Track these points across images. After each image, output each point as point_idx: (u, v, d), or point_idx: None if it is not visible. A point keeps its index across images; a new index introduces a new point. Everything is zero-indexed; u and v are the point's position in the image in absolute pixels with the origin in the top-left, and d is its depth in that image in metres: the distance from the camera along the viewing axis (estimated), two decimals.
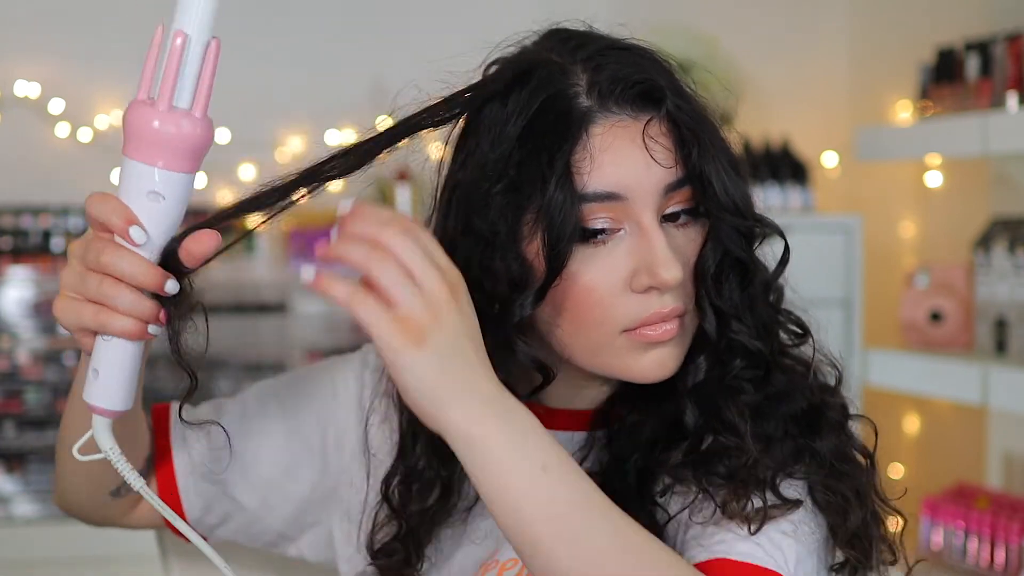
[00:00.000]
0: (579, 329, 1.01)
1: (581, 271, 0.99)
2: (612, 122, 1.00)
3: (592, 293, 0.99)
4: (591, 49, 1.07)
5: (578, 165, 0.98)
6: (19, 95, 3.33)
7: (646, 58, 1.06)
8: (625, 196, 0.99)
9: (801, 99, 3.66)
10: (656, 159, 0.99)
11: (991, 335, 2.83)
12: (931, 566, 2.83)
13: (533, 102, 1.01)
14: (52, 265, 3.31)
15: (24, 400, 3.22)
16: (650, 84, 1.01)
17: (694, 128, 1.00)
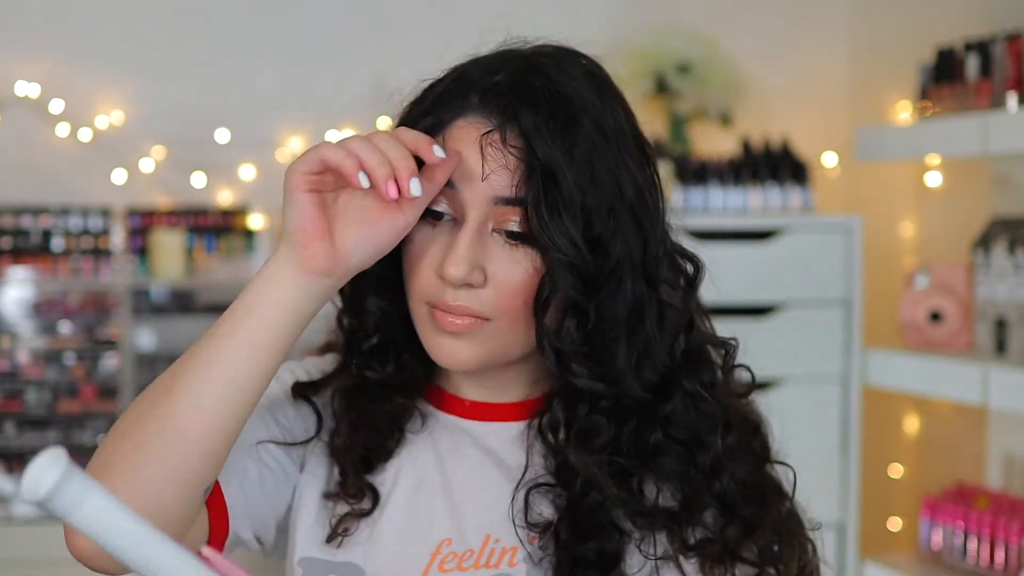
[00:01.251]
0: (408, 290, 1.11)
1: (416, 238, 1.09)
2: (473, 121, 1.07)
3: (414, 261, 1.09)
4: (511, 59, 1.12)
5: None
6: (19, 95, 3.33)
7: (569, 79, 1.09)
8: (458, 188, 1.06)
9: (801, 99, 3.66)
10: (487, 167, 1.05)
11: (991, 335, 2.83)
12: (931, 566, 2.83)
13: (437, 92, 1.11)
14: (52, 265, 3.32)
15: (24, 400, 3.22)
16: (521, 98, 1.06)
17: (548, 157, 1.04)
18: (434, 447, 1.16)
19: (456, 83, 1.10)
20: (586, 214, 1.04)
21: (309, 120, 3.48)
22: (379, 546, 1.12)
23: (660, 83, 3.38)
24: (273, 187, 3.48)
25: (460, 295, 1.07)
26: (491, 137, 1.05)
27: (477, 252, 1.06)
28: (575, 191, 1.04)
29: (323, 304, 1.05)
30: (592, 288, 1.06)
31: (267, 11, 3.48)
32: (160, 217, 3.39)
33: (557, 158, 1.04)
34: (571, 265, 1.04)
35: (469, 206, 1.06)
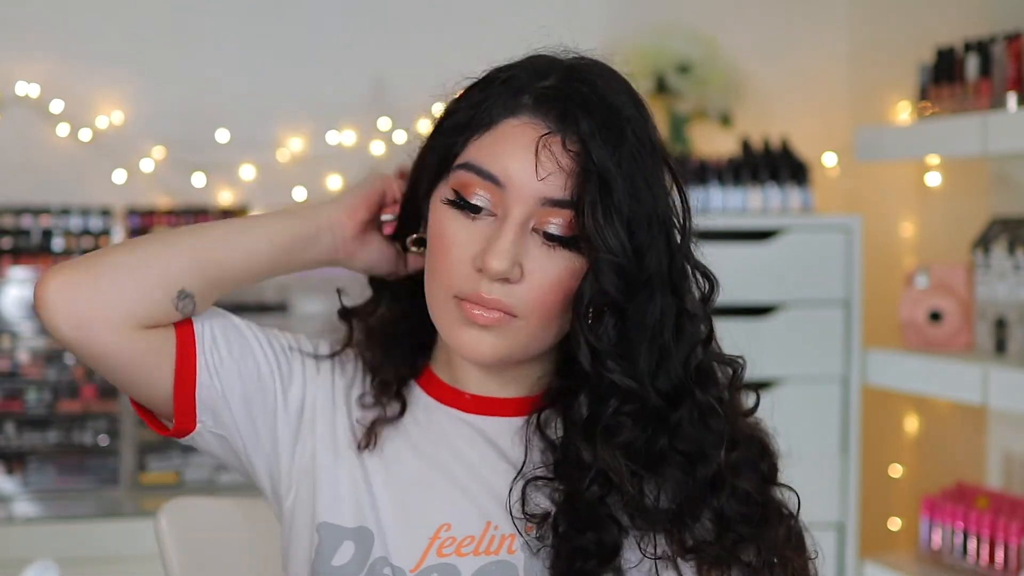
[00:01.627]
0: (432, 277, 1.14)
1: (450, 230, 1.12)
2: (526, 121, 1.10)
3: (447, 250, 1.12)
4: (557, 66, 1.15)
5: (477, 141, 1.12)
6: (19, 95, 3.33)
7: (613, 91, 1.13)
8: (505, 185, 1.09)
9: (801, 99, 3.66)
10: (540, 168, 1.08)
11: (991, 335, 2.83)
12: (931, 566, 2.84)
13: (486, 91, 1.15)
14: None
15: (24, 400, 3.22)
16: (576, 104, 1.09)
17: (603, 164, 1.07)
18: (434, 436, 1.18)
19: (506, 84, 1.12)
20: (630, 222, 1.08)
21: (309, 120, 3.48)
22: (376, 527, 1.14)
23: (660, 83, 3.38)
24: (273, 187, 3.48)
25: (495, 289, 1.09)
26: (549, 139, 1.08)
27: (519, 248, 1.09)
28: (624, 198, 1.08)
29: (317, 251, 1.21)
30: (631, 292, 1.09)
31: (267, 11, 3.48)
32: (160, 217, 3.39)
33: (609, 165, 1.08)
34: (619, 267, 1.07)
35: (515, 203, 1.09)
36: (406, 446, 1.18)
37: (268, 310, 3.43)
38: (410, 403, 1.21)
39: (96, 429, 3.25)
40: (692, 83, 3.38)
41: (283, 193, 3.48)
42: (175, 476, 3.26)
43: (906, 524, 3.40)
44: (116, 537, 2.97)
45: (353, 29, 3.50)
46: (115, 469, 3.24)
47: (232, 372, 1.17)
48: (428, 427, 1.19)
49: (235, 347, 1.18)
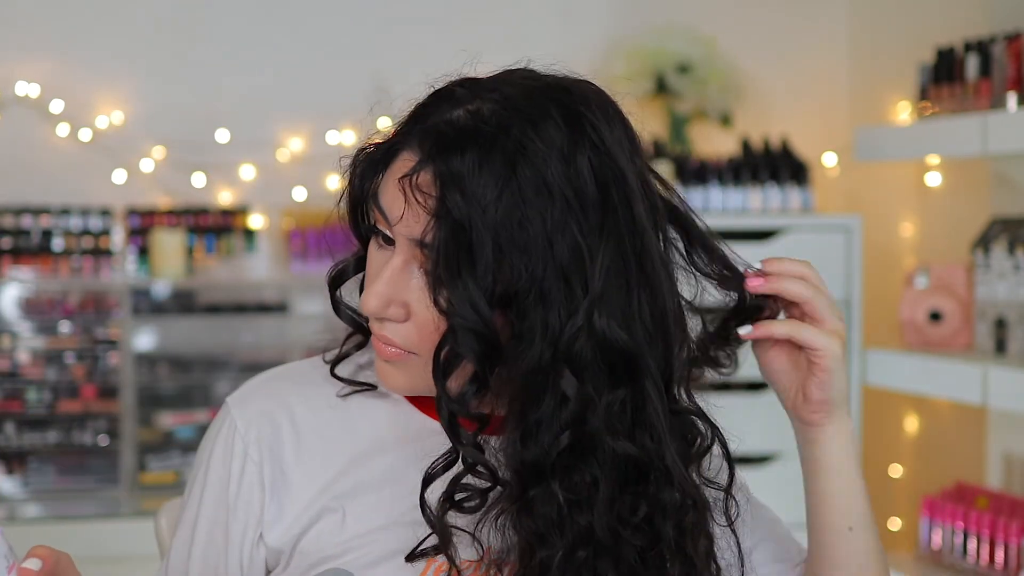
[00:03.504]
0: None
1: (369, 257, 1.09)
2: (406, 156, 1.04)
3: (366, 279, 1.09)
4: (481, 92, 1.05)
5: (385, 173, 1.06)
6: (19, 95, 3.33)
7: (530, 124, 1.01)
8: (391, 221, 1.04)
9: (801, 99, 3.66)
10: (406, 208, 1.02)
11: (991, 335, 2.83)
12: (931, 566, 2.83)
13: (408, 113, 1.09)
14: (52, 265, 3.32)
15: (24, 400, 3.22)
16: (450, 139, 1.01)
17: (456, 209, 0.98)
18: (432, 455, 1.12)
19: (424, 107, 1.06)
20: (499, 273, 0.98)
21: (309, 120, 3.48)
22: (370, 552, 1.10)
23: (660, 83, 3.38)
24: (273, 187, 3.49)
25: (385, 326, 1.07)
26: (407, 181, 1.01)
27: (399, 288, 1.04)
28: (488, 247, 0.98)
29: None
30: (494, 355, 1.01)
31: (267, 11, 3.48)
32: (160, 217, 3.39)
33: (468, 211, 0.98)
34: (470, 330, 0.99)
35: (396, 241, 1.04)
36: (403, 471, 1.13)
37: (268, 310, 3.43)
38: (398, 418, 1.15)
39: (96, 429, 3.25)
40: (692, 83, 3.38)
41: (283, 193, 3.49)
42: (175, 476, 3.26)
43: (906, 524, 3.40)
44: (116, 537, 2.97)
45: (353, 29, 3.50)
46: (115, 469, 3.24)
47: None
48: (420, 445, 1.13)
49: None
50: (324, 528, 1.11)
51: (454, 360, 1.02)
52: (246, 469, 1.13)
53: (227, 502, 1.14)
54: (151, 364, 3.30)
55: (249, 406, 1.15)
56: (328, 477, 1.12)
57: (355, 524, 1.10)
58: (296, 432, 1.14)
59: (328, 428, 1.14)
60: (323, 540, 1.11)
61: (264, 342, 3.45)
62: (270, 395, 1.16)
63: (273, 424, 1.14)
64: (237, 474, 1.14)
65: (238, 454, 1.14)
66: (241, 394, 1.17)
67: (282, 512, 1.12)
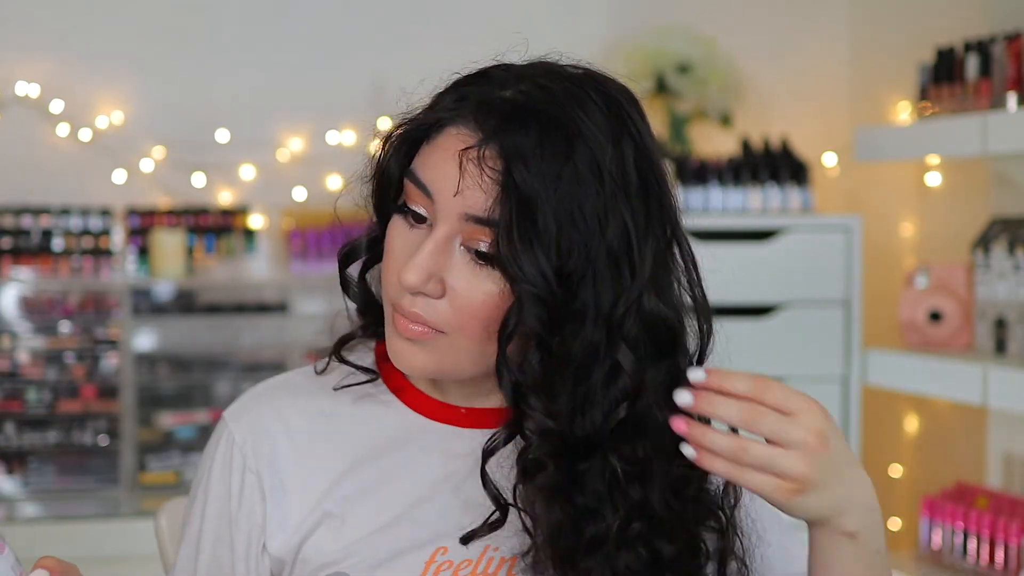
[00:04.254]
0: (382, 285, 1.11)
1: (392, 238, 1.08)
2: (462, 131, 1.04)
3: (388, 258, 1.08)
4: (527, 76, 1.07)
5: (423, 149, 1.07)
6: (19, 95, 3.33)
7: (578, 108, 1.04)
8: (433, 197, 1.04)
9: (801, 99, 3.66)
10: (462, 183, 1.03)
11: (991, 335, 2.83)
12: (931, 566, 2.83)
13: (448, 90, 1.09)
14: (52, 265, 3.32)
15: (24, 400, 3.22)
16: (513, 117, 1.02)
17: (525, 184, 1.00)
18: (427, 455, 1.14)
19: (466, 87, 1.07)
20: (560, 248, 1.01)
21: (309, 120, 3.48)
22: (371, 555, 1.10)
23: (660, 83, 3.38)
24: (273, 187, 3.49)
25: (417, 302, 1.05)
26: (469, 153, 1.02)
27: (439, 263, 1.04)
28: (551, 222, 1.00)
29: None
30: (557, 324, 1.02)
31: (267, 11, 3.48)
32: (160, 217, 3.39)
33: (535, 186, 1.00)
34: (539, 298, 1.01)
35: (441, 217, 1.04)
36: (401, 468, 1.14)
37: (268, 310, 3.43)
38: (396, 421, 1.16)
39: (96, 429, 3.24)
40: (692, 83, 3.38)
41: (283, 193, 3.49)
42: (175, 476, 3.26)
43: (906, 524, 3.40)
44: (116, 537, 2.97)
45: (353, 29, 3.50)
46: (115, 469, 3.24)
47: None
48: (423, 445, 1.14)
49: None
50: (324, 534, 1.11)
51: (518, 331, 1.03)
52: (246, 480, 1.14)
53: (229, 515, 1.15)
54: (151, 364, 3.30)
55: (245, 419, 1.16)
56: (326, 484, 1.13)
57: (354, 528, 1.11)
58: (292, 442, 1.15)
59: (323, 436, 1.15)
60: (324, 546, 1.11)
61: (264, 342, 3.45)
62: (265, 407, 1.17)
63: (269, 435, 1.15)
64: (238, 486, 1.15)
65: (237, 467, 1.15)
66: (237, 407, 1.18)
67: (283, 521, 1.13)
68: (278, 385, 1.20)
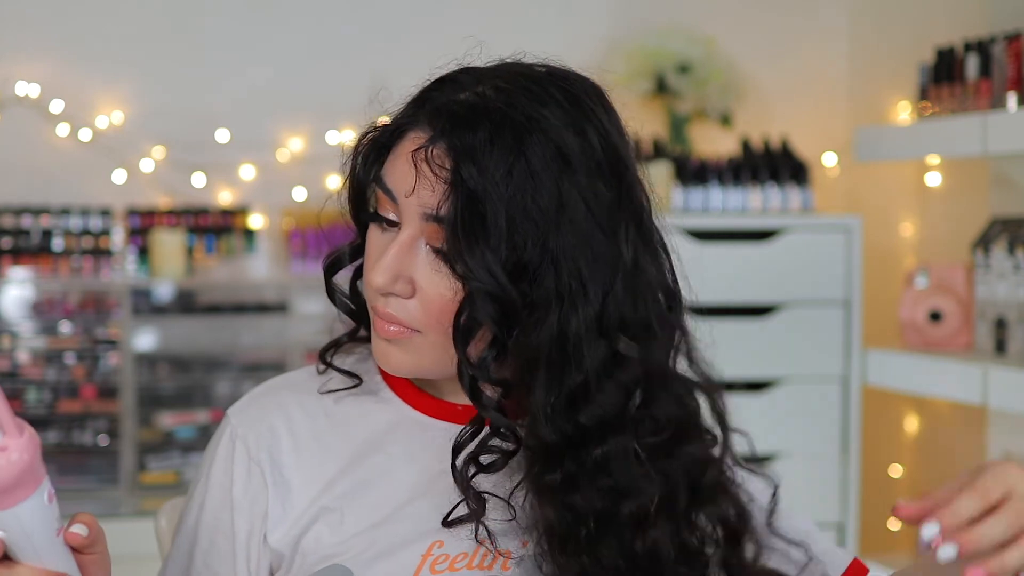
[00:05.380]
0: (364, 290, 1.13)
1: (368, 243, 1.11)
2: (418, 133, 1.07)
3: (366, 262, 1.11)
4: (486, 77, 1.08)
5: (391, 153, 1.09)
6: (19, 95, 3.33)
7: (536, 104, 1.05)
8: (397, 199, 1.07)
9: (801, 99, 3.66)
10: (418, 182, 1.05)
11: (991, 335, 2.83)
12: None
13: (417, 95, 1.11)
14: (52, 265, 3.32)
15: (24, 400, 3.22)
16: (463, 116, 1.04)
17: (472, 180, 1.02)
18: (424, 450, 1.15)
19: (429, 92, 1.10)
20: (513, 243, 1.02)
21: (309, 120, 3.48)
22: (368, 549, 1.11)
23: (660, 83, 3.38)
24: (273, 187, 3.49)
25: (390, 303, 1.08)
26: (420, 153, 1.04)
27: (406, 263, 1.07)
28: (500, 218, 1.01)
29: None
30: (512, 318, 1.04)
31: (267, 11, 3.48)
32: (160, 217, 3.39)
33: (483, 183, 1.01)
34: (488, 294, 1.02)
35: (404, 219, 1.07)
36: (400, 462, 1.15)
37: (268, 310, 3.43)
38: (394, 417, 1.17)
39: (96, 429, 3.24)
40: (692, 83, 3.38)
41: (283, 193, 3.49)
42: (175, 476, 3.26)
43: (906, 524, 3.39)
44: (116, 537, 2.95)
45: (353, 29, 3.50)
46: (115, 469, 3.24)
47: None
48: (421, 440, 1.16)
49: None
50: (323, 529, 1.12)
51: (473, 327, 1.05)
52: (251, 471, 1.15)
53: (231, 504, 1.15)
54: (151, 364, 3.30)
55: (248, 414, 1.18)
56: (326, 479, 1.14)
57: (352, 523, 1.12)
58: (294, 437, 1.16)
59: (324, 432, 1.17)
60: (322, 540, 1.12)
61: (264, 342, 3.45)
62: (268, 403, 1.19)
63: (272, 430, 1.16)
64: (242, 476, 1.15)
65: (240, 459, 1.16)
66: (240, 404, 1.20)
67: (284, 514, 1.14)
68: (281, 384, 1.22)
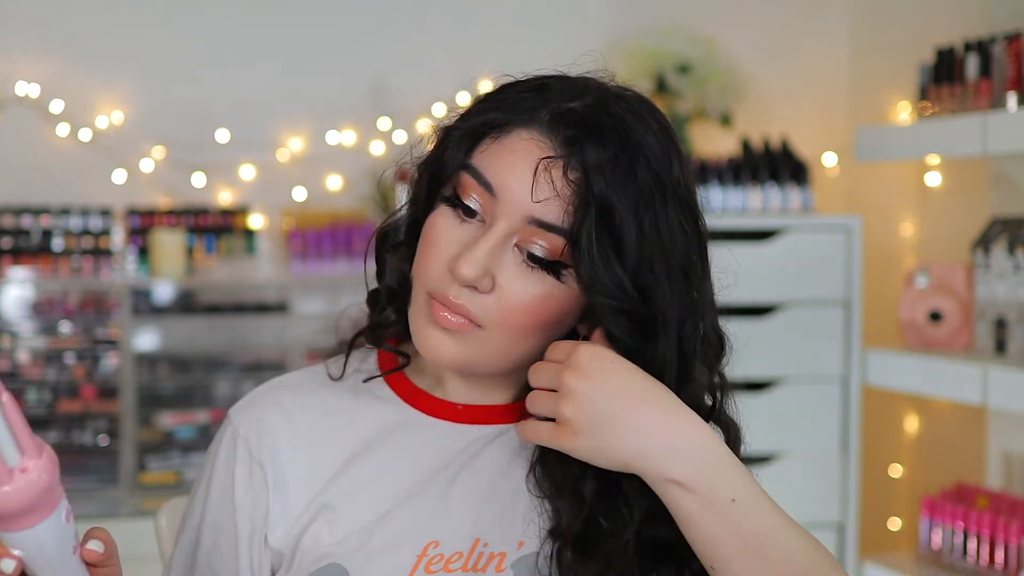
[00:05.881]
0: (416, 271, 1.12)
1: (438, 227, 1.10)
2: (535, 138, 1.07)
3: (431, 246, 1.10)
4: (593, 90, 1.10)
5: (487, 144, 1.09)
6: (19, 95, 3.33)
7: (641, 126, 1.08)
8: (498, 196, 1.07)
9: (801, 99, 3.66)
10: (537, 190, 1.05)
11: (991, 335, 2.83)
12: (931, 566, 2.83)
13: (513, 94, 1.11)
14: (52, 265, 3.32)
15: (24, 400, 3.22)
16: (589, 132, 1.06)
17: (603, 197, 1.04)
18: (422, 450, 1.16)
19: (534, 93, 1.09)
20: (635, 260, 1.05)
21: (309, 120, 3.48)
22: (364, 547, 1.11)
23: (660, 83, 3.38)
24: (273, 187, 3.49)
25: (463, 294, 1.07)
26: (551, 163, 1.05)
27: (494, 260, 1.07)
28: (627, 234, 1.04)
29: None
30: (644, 333, 1.07)
31: (267, 11, 3.48)
32: (160, 217, 3.39)
33: (612, 199, 1.04)
34: (622, 310, 1.05)
35: (503, 216, 1.07)
36: (395, 462, 1.15)
37: (268, 310, 3.43)
38: (393, 415, 1.18)
39: (96, 429, 3.25)
40: (692, 83, 3.38)
41: (283, 193, 3.49)
42: (175, 476, 3.26)
43: (906, 524, 3.40)
44: (116, 537, 2.96)
45: (353, 29, 3.50)
46: (115, 469, 3.24)
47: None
48: (418, 439, 1.16)
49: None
50: (321, 527, 1.13)
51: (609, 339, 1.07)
52: (252, 471, 1.16)
53: (234, 504, 1.16)
54: (151, 364, 3.30)
55: (249, 413, 1.19)
56: (325, 478, 1.15)
57: (350, 521, 1.12)
58: (294, 437, 1.17)
59: (324, 431, 1.17)
60: (321, 539, 1.12)
61: (264, 342, 3.45)
62: (269, 403, 1.19)
63: (272, 430, 1.17)
64: (243, 476, 1.16)
65: (242, 459, 1.16)
66: (241, 404, 1.21)
67: (284, 514, 1.15)
68: (282, 383, 1.23)
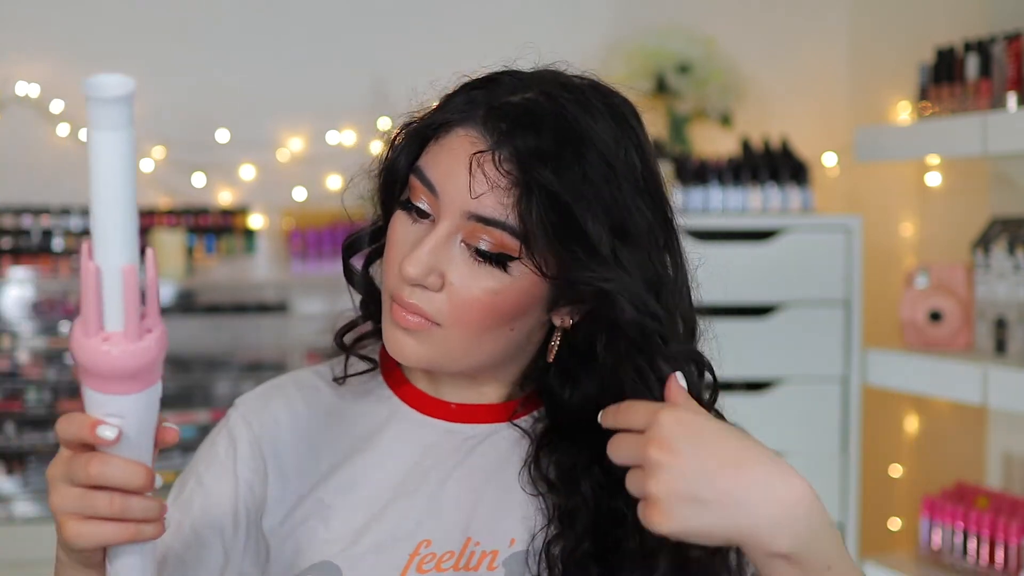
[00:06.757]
0: (383, 276, 1.14)
1: (395, 230, 1.11)
2: (471, 134, 1.07)
3: (390, 249, 1.12)
4: (536, 82, 1.10)
5: (430, 146, 1.10)
6: (19, 95, 3.33)
7: (588, 113, 1.07)
8: (439, 194, 1.08)
9: (801, 99, 3.66)
10: (475, 185, 1.06)
11: (991, 335, 2.83)
12: (931, 566, 2.83)
13: (457, 93, 1.12)
14: (52, 265, 3.32)
15: (24, 400, 3.22)
16: (524, 122, 1.05)
17: (544, 182, 1.03)
18: (415, 449, 1.16)
19: (481, 91, 1.10)
20: (589, 241, 1.04)
21: (309, 120, 3.48)
22: (357, 545, 1.12)
23: (660, 83, 3.38)
24: (273, 187, 3.49)
25: (416, 294, 1.08)
26: (483, 156, 1.05)
27: (440, 258, 1.07)
28: (579, 218, 1.04)
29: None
30: (604, 307, 1.07)
31: (267, 11, 3.48)
32: (160, 217, 3.39)
33: (553, 184, 1.03)
34: (629, 302, 1.05)
35: (446, 214, 1.07)
36: (389, 461, 1.16)
37: (268, 310, 3.43)
38: (390, 414, 1.19)
39: None
40: (692, 83, 3.38)
41: (283, 193, 3.49)
42: (175, 476, 3.26)
43: (906, 524, 3.40)
44: None
45: (353, 29, 3.50)
46: None
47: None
48: (411, 438, 1.17)
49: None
50: (315, 524, 1.14)
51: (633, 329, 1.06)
52: (254, 453, 1.18)
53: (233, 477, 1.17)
54: None
55: (254, 404, 1.21)
56: (321, 475, 1.16)
57: (344, 519, 1.13)
58: (295, 431, 1.18)
59: (324, 428, 1.18)
60: (315, 535, 1.13)
61: (264, 342, 3.45)
62: (273, 397, 1.21)
63: (276, 421, 1.19)
64: (245, 455, 1.17)
65: (245, 439, 1.18)
66: (248, 395, 1.23)
67: (280, 502, 1.16)
68: (287, 380, 1.24)
